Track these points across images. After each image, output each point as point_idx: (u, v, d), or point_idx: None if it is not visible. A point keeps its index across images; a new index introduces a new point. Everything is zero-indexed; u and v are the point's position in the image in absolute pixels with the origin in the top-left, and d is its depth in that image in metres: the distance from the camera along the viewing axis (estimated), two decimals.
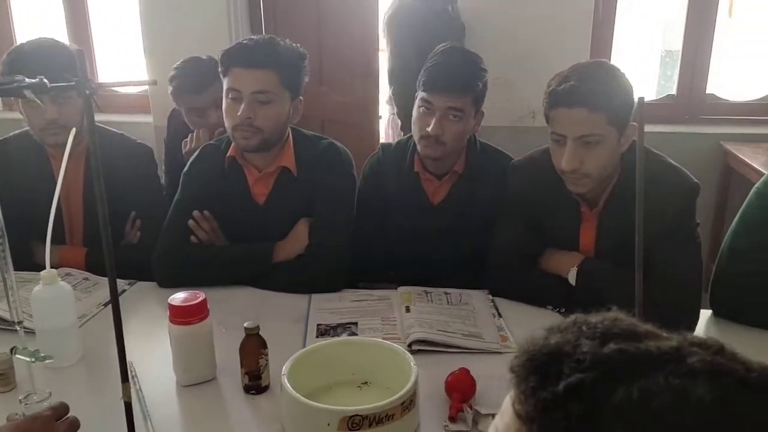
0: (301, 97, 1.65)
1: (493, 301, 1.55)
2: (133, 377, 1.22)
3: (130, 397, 0.94)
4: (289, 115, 1.63)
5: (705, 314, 1.48)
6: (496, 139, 2.41)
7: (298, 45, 1.63)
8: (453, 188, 1.71)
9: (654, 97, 3.25)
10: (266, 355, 1.21)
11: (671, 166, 1.47)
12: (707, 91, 3.05)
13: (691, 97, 3.04)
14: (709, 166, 2.91)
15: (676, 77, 3.11)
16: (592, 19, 2.86)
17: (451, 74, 1.57)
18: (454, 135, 1.59)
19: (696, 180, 1.45)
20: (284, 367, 1.09)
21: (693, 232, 1.45)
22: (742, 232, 1.46)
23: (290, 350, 1.15)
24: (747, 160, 2.68)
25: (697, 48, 2.98)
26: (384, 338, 1.36)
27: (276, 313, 1.49)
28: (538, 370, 0.44)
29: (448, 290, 1.58)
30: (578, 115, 1.36)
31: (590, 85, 1.36)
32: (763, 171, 1.65)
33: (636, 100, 1.42)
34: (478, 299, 1.56)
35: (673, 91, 3.10)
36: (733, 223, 1.49)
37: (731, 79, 4.24)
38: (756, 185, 1.47)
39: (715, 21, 2.95)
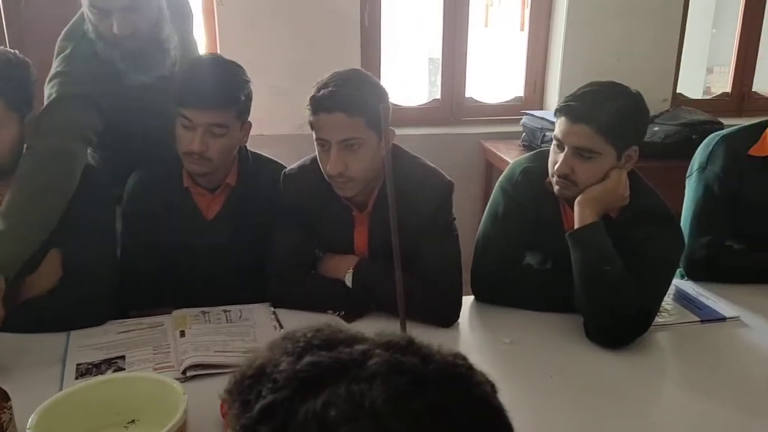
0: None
1: (274, 312, 1.53)
2: None
3: None
4: (22, 135, 1.44)
5: (470, 299, 1.61)
6: (278, 147, 2.39)
7: (17, 52, 1.45)
8: (227, 201, 1.64)
9: (424, 101, 3.48)
10: (9, 408, 1.05)
11: (427, 167, 1.57)
12: (466, 95, 3.35)
13: (453, 101, 3.31)
14: (472, 163, 3.21)
15: (440, 83, 3.36)
16: (359, 28, 2.98)
17: (209, 89, 1.48)
18: (220, 150, 1.52)
19: (449, 178, 1.56)
20: (30, 419, 0.97)
21: (450, 226, 1.56)
22: (489, 222, 1.62)
23: (44, 398, 1.04)
24: (502, 156, 2.98)
25: (454, 55, 3.25)
26: (156, 369, 1.28)
27: (24, 358, 1.32)
28: (241, 394, 0.42)
29: (228, 308, 1.52)
30: (338, 120, 1.40)
31: (348, 90, 1.40)
32: None
33: (390, 105, 1.49)
34: (259, 313, 1.52)
35: (438, 96, 3.35)
36: (484, 215, 1.64)
37: (488, 84, 4.71)
38: (499, 179, 1.64)
39: (467, 30, 3.25)
